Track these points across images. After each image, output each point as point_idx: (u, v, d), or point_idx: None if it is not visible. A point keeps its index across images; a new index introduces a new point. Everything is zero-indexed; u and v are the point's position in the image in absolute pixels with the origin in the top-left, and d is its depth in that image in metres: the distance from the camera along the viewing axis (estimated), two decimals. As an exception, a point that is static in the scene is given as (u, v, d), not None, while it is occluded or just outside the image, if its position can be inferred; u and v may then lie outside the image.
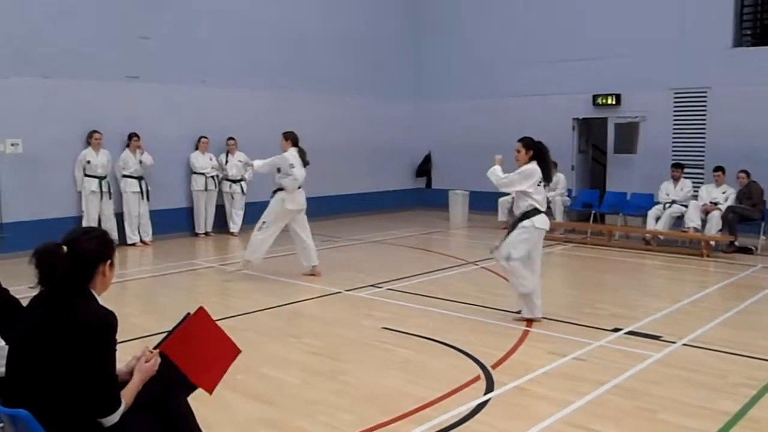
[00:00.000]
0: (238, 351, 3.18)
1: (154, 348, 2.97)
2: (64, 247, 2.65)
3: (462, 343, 5.92)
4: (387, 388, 4.91)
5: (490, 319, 6.80)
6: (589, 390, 4.77)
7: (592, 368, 5.29)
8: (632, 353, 5.64)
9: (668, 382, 4.97)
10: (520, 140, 6.64)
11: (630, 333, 6.26)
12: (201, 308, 3.04)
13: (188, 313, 3.09)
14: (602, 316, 6.94)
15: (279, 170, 8.70)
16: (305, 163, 8.72)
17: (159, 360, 2.89)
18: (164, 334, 3.19)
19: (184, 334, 2.95)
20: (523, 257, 6.48)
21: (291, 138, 8.82)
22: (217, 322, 3.10)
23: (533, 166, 6.46)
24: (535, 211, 6.48)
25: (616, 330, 6.34)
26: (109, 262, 2.80)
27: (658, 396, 4.70)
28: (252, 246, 8.84)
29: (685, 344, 5.92)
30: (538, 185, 6.48)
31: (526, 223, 6.47)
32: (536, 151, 6.52)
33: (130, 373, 2.87)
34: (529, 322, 6.66)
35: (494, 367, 5.30)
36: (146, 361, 2.87)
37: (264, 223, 8.80)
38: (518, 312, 6.78)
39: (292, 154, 8.65)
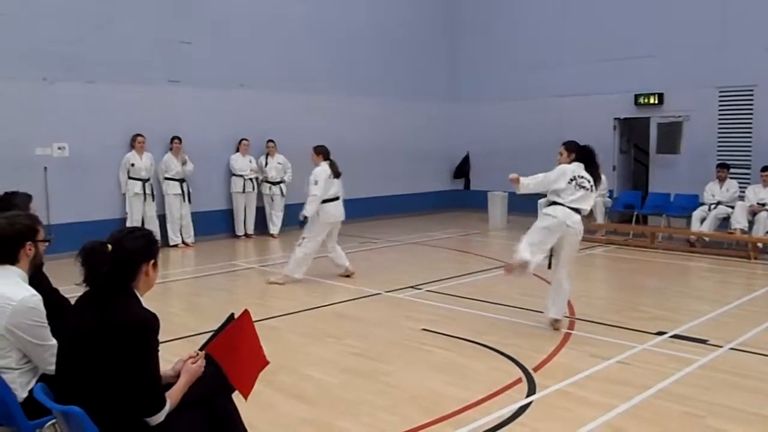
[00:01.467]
0: (267, 362, 3.21)
1: (200, 349, 3.01)
2: (109, 246, 2.71)
3: (503, 345, 5.88)
4: (428, 390, 4.90)
5: (531, 322, 6.74)
6: (633, 394, 4.70)
7: (636, 372, 5.20)
8: (677, 357, 5.54)
9: (715, 387, 4.86)
10: (565, 143, 6.59)
11: (674, 336, 6.15)
12: (246, 311, 3.07)
13: (232, 314, 3.12)
14: (646, 319, 6.82)
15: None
16: (337, 175, 8.62)
17: (204, 361, 2.93)
18: (208, 335, 3.24)
19: (230, 337, 2.99)
20: (533, 243, 6.23)
21: (322, 152, 8.70)
22: (259, 323, 3.14)
23: (564, 167, 6.38)
24: (559, 205, 6.29)
25: (660, 333, 6.23)
26: (152, 261, 2.84)
27: (705, 401, 4.60)
28: (293, 263, 8.65)
29: (732, 348, 5.78)
30: (572, 184, 6.26)
31: (549, 210, 6.32)
32: (579, 153, 6.44)
33: (177, 376, 2.91)
34: (572, 323, 6.59)
35: (536, 369, 5.25)
36: (193, 363, 2.91)
37: (304, 238, 8.67)
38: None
39: (322, 168, 8.57)
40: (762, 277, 9.25)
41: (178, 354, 5.53)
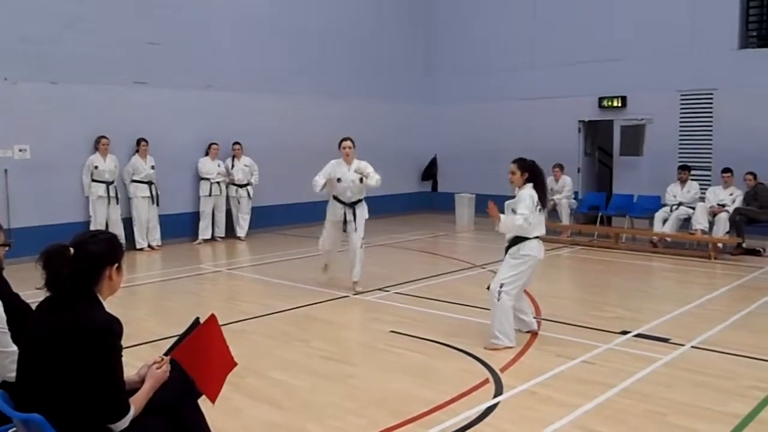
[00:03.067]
0: (235, 364, 3.20)
1: (165, 354, 2.98)
2: (71, 249, 2.66)
3: (470, 346, 5.92)
4: (396, 392, 4.91)
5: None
6: (599, 393, 4.77)
7: (600, 371, 5.28)
8: (641, 356, 5.63)
9: (677, 385, 4.96)
10: (516, 162, 6.10)
11: (638, 336, 6.25)
12: (212, 315, 3.05)
13: (197, 318, 3.10)
14: (610, 318, 6.93)
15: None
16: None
17: (169, 366, 2.90)
18: (174, 339, 3.21)
19: (195, 341, 2.96)
20: (518, 292, 6.03)
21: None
22: (226, 326, 3.12)
23: (531, 193, 5.92)
24: (531, 239, 5.96)
25: (624, 333, 6.33)
26: (116, 265, 2.80)
27: (668, 399, 4.69)
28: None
29: (693, 347, 5.90)
30: (536, 209, 5.90)
31: (525, 250, 5.92)
32: (531, 173, 6.03)
33: (142, 381, 2.88)
34: (538, 323, 6.66)
35: (503, 370, 5.30)
36: (157, 368, 2.88)
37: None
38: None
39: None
40: (722, 276, 9.46)
41: (143, 359, 5.47)
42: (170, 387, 2.91)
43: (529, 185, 6.00)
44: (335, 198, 8.16)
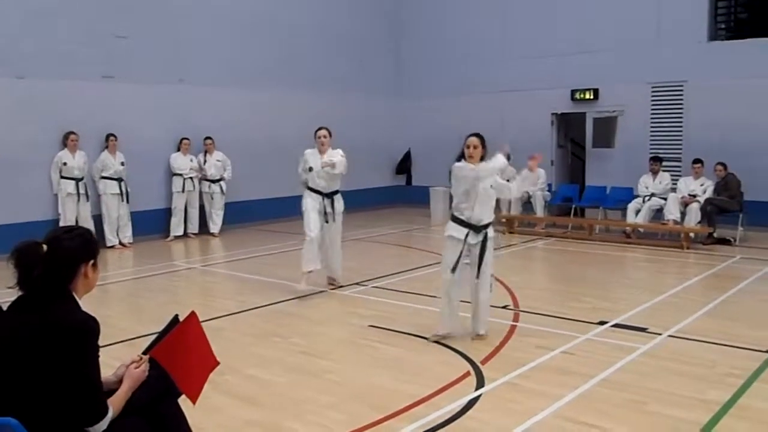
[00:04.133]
0: (217, 363, 3.12)
1: (143, 353, 2.90)
2: (44, 246, 2.57)
3: (450, 339, 5.89)
4: (376, 386, 4.87)
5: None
6: (579, 383, 4.78)
7: (580, 362, 5.29)
8: (619, 346, 5.66)
9: (656, 374, 4.99)
10: (478, 136, 6.03)
11: (616, 326, 6.29)
12: (193, 313, 2.97)
13: (176, 316, 3.02)
14: (587, 309, 6.96)
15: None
16: None
17: (149, 366, 2.82)
18: (149, 338, 3.13)
19: (175, 339, 2.88)
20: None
21: None
22: (202, 324, 3.03)
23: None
24: None
25: (602, 323, 6.36)
26: (91, 262, 2.70)
27: (647, 387, 4.71)
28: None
29: (671, 335, 5.95)
30: None
31: (492, 232, 5.99)
32: (486, 150, 6.00)
33: (119, 382, 2.79)
34: (517, 315, 6.68)
35: (483, 362, 5.29)
36: (136, 368, 2.79)
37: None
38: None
39: None
40: (694, 266, 9.57)
41: (118, 358, 5.34)
42: (149, 387, 2.83)
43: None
44: (310, 189, 7.94)
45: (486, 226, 5.90)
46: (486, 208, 5.91)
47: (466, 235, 5.84)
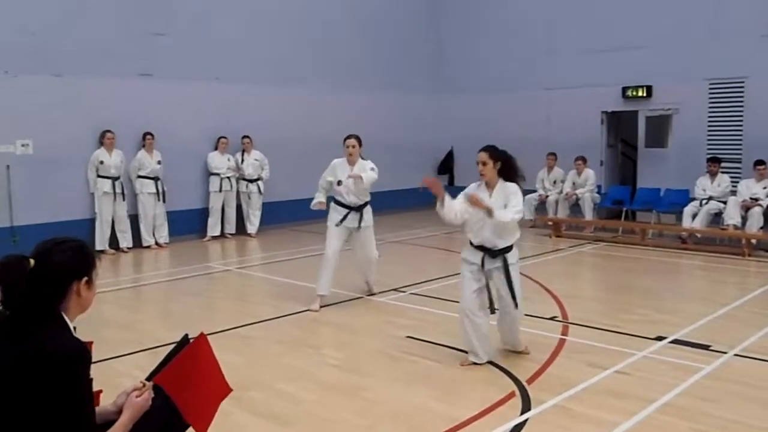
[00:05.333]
0: (230, 390, 2.78)
1: (147, 379, 2.57)
2: (31, 261, 2.25)
3: (492, 353, 5.47)
4: (414, 407, 4.49)
5: (522, 327, 6.28)
6: (637, 409, 4.32)
7: (637, 383, 4.82)
8: (680, 365, 5.17)
9: (724, 399, 4.50)
10: (487, 150, 5.29)
11: (675, 342, 5.78)
12: (202, 335, 2.63)
13: (186, 336, 2.69)
14: (643, 322, 6.46)
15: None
16: None
17: (152, 394, 2.49)
18: (164, 354, 2.81)
19: (182, 364, 2.55)
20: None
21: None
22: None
23: (517, 189, 5.21)
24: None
25: (660, 339, 5.86)
26: (85, 279, 2.37)
27: (715, 416, 4.23)
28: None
29: (737, 355, 5.42)
30: None
31: (516, 255, 5.30)
32: (505, 164, 5.24)
33: (119, 412, 2.46)
34: (566, 328, 6.23)
35: (529, 382, 4.86)
36: (138, 396, 2.46)
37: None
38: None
39: None
40: (757, 275, 8.96)
41: (142, 367, 5.10)
42: (152, 418, 2.50)
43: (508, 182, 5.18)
44: (337, 202, 7.39)
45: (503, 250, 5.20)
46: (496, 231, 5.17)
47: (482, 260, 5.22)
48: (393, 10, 15.30)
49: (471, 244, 5.31)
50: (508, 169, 5.20)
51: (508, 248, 5.23)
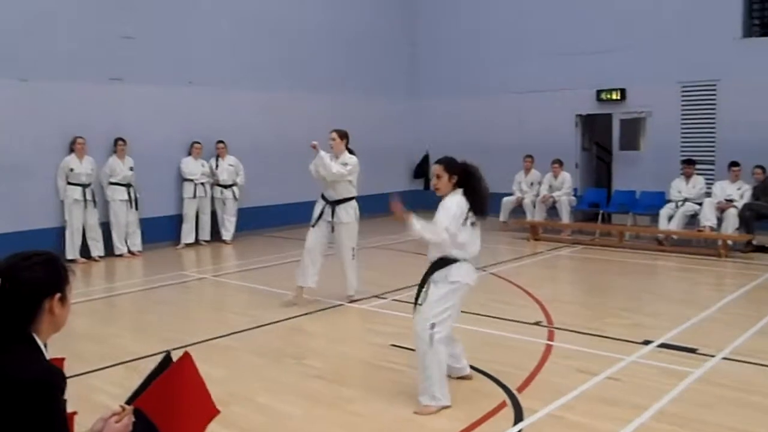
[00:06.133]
0: (217, 411, 2.62)
1: (127, 402, 2.38)
2: None
3: (480, 361, 5.34)
4: (402, 420, 4.35)
5: (507, 332, 6.25)
6: (632, 417, 4.23)
7: (629, 389, 4.74)
8: (670, 370, 5.10)
9: (717, 405, 4.43)
10: (441, 163, 4.74)
11: (662, 346, 5.72)
12: (186, 354, 2.46)
13: (168, 355, 2.51)
14: (627, 326, 6.40)
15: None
16: None
17: (132, 418, 2.30)
18: (153, 359, 2.62)
19: (166, 386, 2.37)
20: (449, 332, 4.65)
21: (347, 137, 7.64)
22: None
23: (459, 201, 4.60)
24: (461, 261, 4.61)
25: (647, 342, 5.80)
26: (58, 296, 2.17)
27: (711, 423, 4.15)
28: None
29: (725, 358, 5.38)
30: (467, 223, 4.59)
31: (453, 276, 4.57)
32: (462, 177, 4.68)
33: (96, 440, 2.28)
34: (551, 333, 6.14)
35: (520, 390, 4.75)
36: (117, 421, 2.28)
37: (353, 249, 7.65)
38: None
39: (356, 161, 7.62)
40: (734, 276, 8.99)
41: (116, 383, 4.90)
42: (133, 443, 2.32)
43: (458, 192, 4.65)
44: (322, 195, 7.55)
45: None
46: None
47: None
48: (368, 15, 15.17)
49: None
50: (469, 181, 4.68)
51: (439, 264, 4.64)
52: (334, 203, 7.42)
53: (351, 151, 7.57)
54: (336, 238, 7.51)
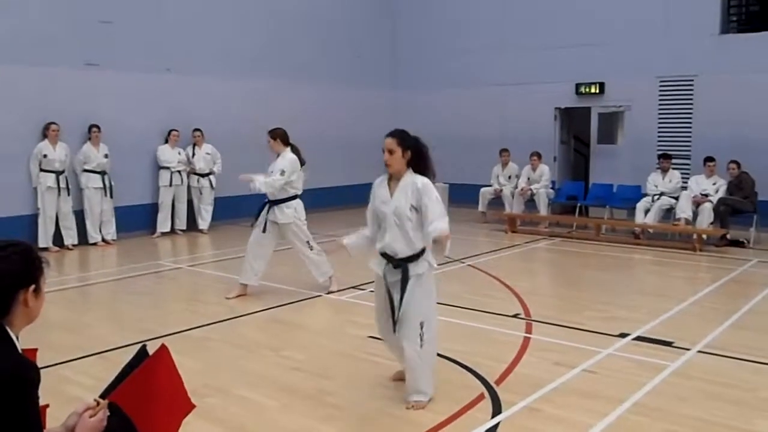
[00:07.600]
0: (193, 406, 2.58)
1: (101, 396, 2.33)
2: None
3: (458, 353, 5.35)
4: (381, 412, 4.33)
5: (485, 325, 6.26)
6: (608, 409, 4.25)
7: (605, 382, 4.76)
8: (646, 363, 5.14)
9: (693, 398, 4.47)
10: (394, 135, 4.53)
11: (638, 339, 5.76)
12: (163, 346, 2.41)
13: (144, 348, 2.46)
14: (604, 319, 6.44)
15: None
16: (302, 163, 7.62)
17: (107, 413, 2.25)
18: (127, 349, 2.56)
19: (141, 380, 2.32)
20: (437, 324, 4.50)
21: (283, 137, 7.57)
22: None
23: (428, 182, 4.43)
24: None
25: (623, 335, 5.84)
26: (32, 287, 2.12)
27: (686, 415, 4.19)
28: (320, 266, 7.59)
29: (701, 351, 5.43)
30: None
31: (432, 261, 4.45)
32: (415, 152, 4.50)
33: (70, 436, 2.23)
34: (529, 325, 6.16)
35: (498, 383, 4.75)
36: (91, 416, 2.22)
37: (309, 242, 7.60)
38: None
39: (293, 158, 7.53)
40: (708, 270, 9.09)
41: (91, 374, 4.82)
42: (108, 439, 2.27)
43: (416, 174, 4.44)
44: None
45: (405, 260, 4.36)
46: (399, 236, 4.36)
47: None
48: (347, 6, 15.07)
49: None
50: (419, 160, 4.42)
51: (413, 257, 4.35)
52: (273, 203, 7.41)
53: (293, 147, 7.45)
54: (284, 237, 7.51)
